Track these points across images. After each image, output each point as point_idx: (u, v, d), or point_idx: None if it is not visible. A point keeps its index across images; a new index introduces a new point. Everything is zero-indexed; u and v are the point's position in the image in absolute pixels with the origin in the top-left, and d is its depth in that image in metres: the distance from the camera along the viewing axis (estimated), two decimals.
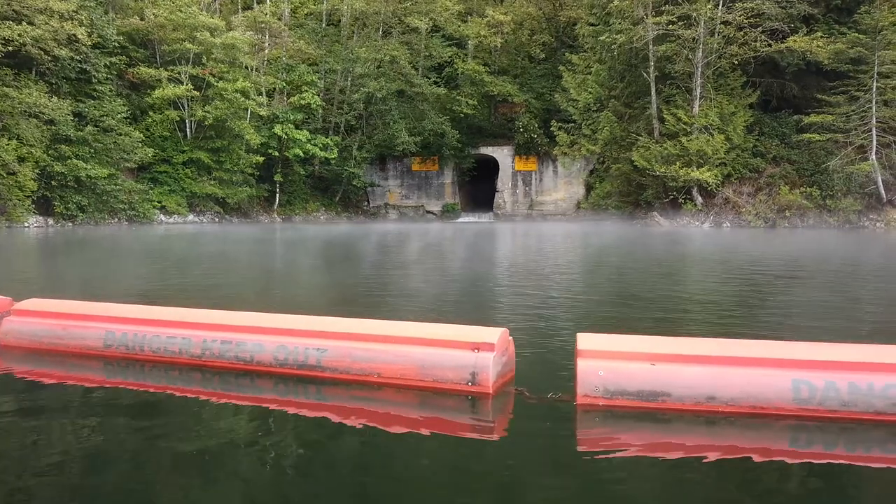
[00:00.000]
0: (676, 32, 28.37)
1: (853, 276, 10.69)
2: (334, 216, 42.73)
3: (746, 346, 3.31)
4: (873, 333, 5.60)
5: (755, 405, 3.14)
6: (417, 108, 40.72)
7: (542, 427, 3.22)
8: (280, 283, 9.43)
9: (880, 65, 26.73)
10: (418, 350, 3.43)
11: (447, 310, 6.49)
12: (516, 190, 43.96)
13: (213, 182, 36.09)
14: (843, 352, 3.23)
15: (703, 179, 28.81)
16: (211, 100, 35.42)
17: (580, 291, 8.23)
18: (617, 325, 5.63)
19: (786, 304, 7.66)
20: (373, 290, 8.51)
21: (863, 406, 3.09)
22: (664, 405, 3.17)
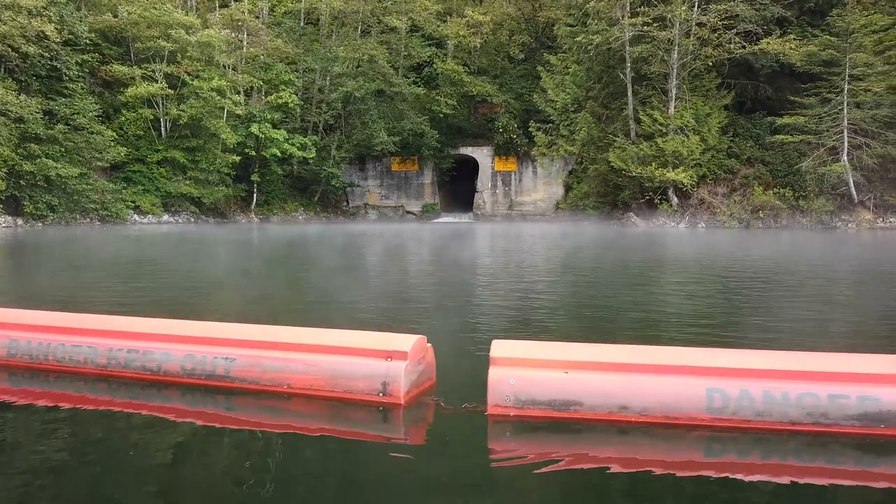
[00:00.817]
0: (652, 34, 28.49)
1: (819, 279, 10.74)
2: (313, 216, 42.41)
3: (661, 354, 3.23)
4: (824, 339, 5.57)
5: (668, 415, 3.06)
6: (396, 107, 40.57)
7: (453, 439, 3.12)
8: (212, 287, 9.03)
9: (852, 67, 27.05)
10: (329, 359, 3.31)
11: (376, 316, 6.26)
12: (496, 190, 43.96)
13: (189, 182, 35.64)
14: (759, 359, 3.16)
15: (678, 180, 28.97)
16: (186, 98, 34.99)
17: (533, 296, 8.07)
18: (557, 330, 5.54)
19: (739, 308, 7.64)
20: (306, 294, 8.28)
21: (777, 416, 3.03)
22: (576, 415, 3.09)
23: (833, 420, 3.01)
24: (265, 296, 8.10)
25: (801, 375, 3.06)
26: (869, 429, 3.00)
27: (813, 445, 3.01)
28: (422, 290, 8.65)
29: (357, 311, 6.65)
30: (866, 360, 3.18)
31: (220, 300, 7.62)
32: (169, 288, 8.58)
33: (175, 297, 7.45)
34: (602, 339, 4.88)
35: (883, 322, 6.50)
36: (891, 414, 2.99)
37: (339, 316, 6.20)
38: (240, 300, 7.61)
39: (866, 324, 6.33)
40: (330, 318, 5.99)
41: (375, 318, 6.04)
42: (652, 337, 5.44)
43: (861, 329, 6.07)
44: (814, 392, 3.02)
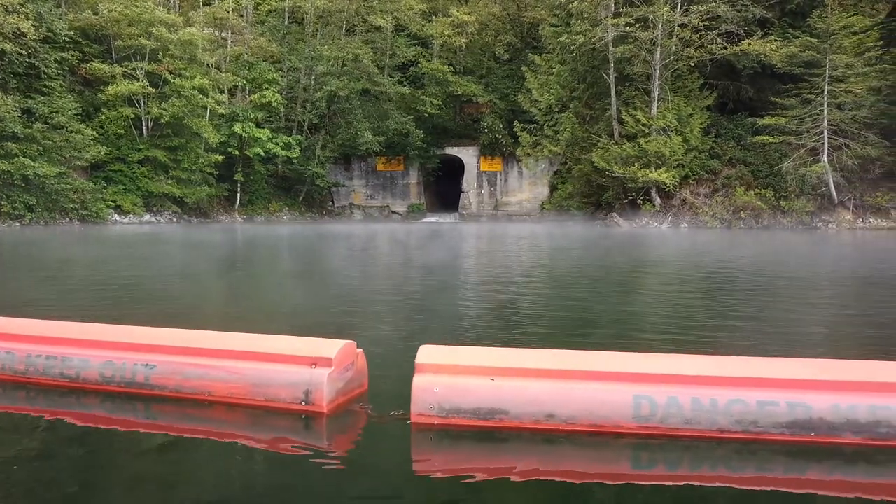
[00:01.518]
0: (634, 34, 28.54)
1: (785, 280, 10.75)
2: (298, 216, 42.13)
3: (589, 359, 3.15)
4: (784, 344, 5.53)
5: (595, 423, 2.99)
6: (381, 107, 40.40)
7: (375, 449, 3.03)
8: (151, 290, 8.62)
9: (832, 68, 27.23)
10: (251, 366, 3.21)
11: (318, 321, 6.05)
12: (482, 190, 43.89)
13: (171, 181, 35.27)
14: (688, 365, 3.09)
15: (660, 180, 29.05)
16: (168, 97, 34.62)
17: (495, 300, 7.86)
18: (506, 336, 5.44)
19: (701, 310, 7.61)
20: (250, 298, 8.03)
21: (706, 423, 2.96)
22: (502, 423, 3.00)
23: (762, 428, 2.95)
24: (206, 299, 7.87)
25: (730, 382, 2.99)
26: (799, 437, 2.94)
27: (742, 453, 2.95)
28: (377, 294, 8.43)
29: (300, 316, 6.50)
30: (797, 365, 3.12)
31: (156, 304, 7.29)
32: (106, 291, 8.28)
33: (108, 301, 7.26)
34: (546, 344, 4.81)
35: (852, 327, 6.47)
36: (821, 422, 2.93)
37: (277, 321, 6.02)
38: (177, 304, 7.35)
39: (833, 327, 6.30)
40: (267, 323, 5.79)
41: (317, 324, 5.87)
42: (603, 341, 5.38)
43: (825, 332, 6.04)
44: (743, 399, 2.96)
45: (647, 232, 27.80)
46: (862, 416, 2.90)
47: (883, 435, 2.89)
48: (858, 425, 2.90)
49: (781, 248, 18.79)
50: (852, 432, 2.90)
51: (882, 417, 2.89)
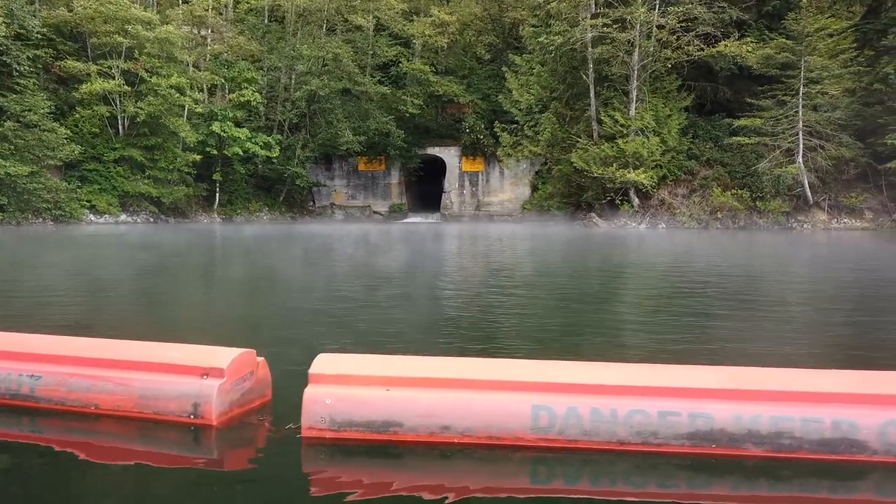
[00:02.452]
0: (612, 35, 28.59)
1: (744, 281, 10.74)
2: (278, 216, 41.81)
3: (486, 368, 3.05)
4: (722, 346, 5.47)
5: (492, 435, 2.88)
6: (362, 107, 40.18)
7: (265, 464, 2.90)
8: (62, 295, 8.17)
9: (807, 70, 27.44)
10: (139, 377, 3.07)
11: (231, 330, 5.72)
12: (463, 190, 43.81)
13: (147, 181, 34.83)
14: (588, 373, 2.99)
15: (638, 181, 29.13)
16: (144, 96, 34.18)
17: (438, 308, 7.54)
18: (430, 344, 5.31)
19: (650, 315, 7.55)
20: (176, 304, 7.65)
21: (605, 435, 2.86)
22: (396, 437, 2.89)
23: (663, 440, 2.85)
24: (115, 305, 7.40)
25: (630, 391, 2.90)
26: (700, 448, 2.85)
27: (642, 467, 2.85)
28: (317, 299, 8.06)
29: (218, 325, 6.16)
30: (700, 373, 3.03)
31: (56, 309, 6.87)
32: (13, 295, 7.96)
33: (36, 307, 7.01)
34: (479, 353, 4.71)
35: (806, 333, 6.43)
36: (723, 433, 2.84)
37: (188, 330, 5.67)
38: (78, 309, 6.94)
39: (782, 332, 6.25)
40: (175, 331, 5.37)
41: (234, 333, 5.57)
42: (534, 346, 5.28)
43: (775, 337, 5.99)
44: (644, 409, 2.87)
45: (624, 232, 27.85)
46: (764, 428, 2.82)
47: (786, 447, 2.81)
48: (760, 437, 2.82)
49: (746, 248, 18.89)
50: (754, 444, 2.82)
51: (785, 429, 2.81)
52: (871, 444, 2.78)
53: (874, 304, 8.04)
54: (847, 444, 2.79)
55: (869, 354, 5.19)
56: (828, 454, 2.80)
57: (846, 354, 5.23)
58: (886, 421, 2.78)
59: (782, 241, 22.16)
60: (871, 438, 2.78)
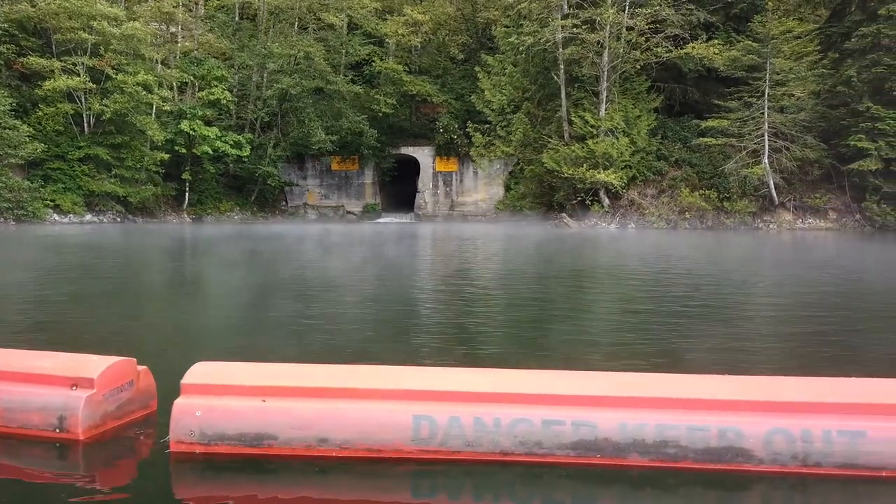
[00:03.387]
0: (582, 36, 28.70)
1: (698, 283, 10.79)
2: (250, 216, 41.29)
3: (367, 376, 2.94)
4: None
5: (372, 447, 2.77)
6: (334, 106, 39.85)
7: (132, 482, 2.75)
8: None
9: (773, 72, 27.80)
10: (2, 388, 2.90)
11: (121, 338, 5.38)
12: (437, 190, 43.69)
13: (114, 180, 34.16)
14: (471, 380, 2.89)
15: (608, 181, 29.28)
16: (110, 93, 33.53)
17: (365, 314, 7.24)
18: (334, 353, 5.17)
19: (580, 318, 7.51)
20: (62, 309, 7.13)
21: (488, 445, 2.77)
22: (271, 450, 2.76)
23: (547, 449, 2.77)
24: (14, 311, 6.93)
25: (514, 399, 2.80)
26: (585, 458, 2.77)
27: (526, 478, 2.77)
28: (235, 305, 7.70)
29: (118, 331, 5.81)
30: (584, 379, 2.96)
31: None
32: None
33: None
34: (393, 357, 4.59)
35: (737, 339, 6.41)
36: (608, 442, 2.76)
37: (83, 339, 5.30)
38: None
39: (707, 334, 6.24)
40: (68, 340, 5.05)
41: (133, 341, 5.27)
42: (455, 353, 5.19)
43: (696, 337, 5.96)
44: (527, 418, 2.78)
45: (594, 233, 27.97)
46: (649, 436, 2.75)
47: (671, 456, 2.75)
48: (645, 446, 2.75)
49: (704, 249, 19.08)
50: (639, 453, 2.75)
51: (670, 437, 2.75)
52: (756, 454, 2.72)
53: (837, 309, 8.09)
54: (733, 452, 2.73)
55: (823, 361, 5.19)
56: (714, 463, 2.74)
57: (783, 358, 5.22)
58: (771, 429, 2.73)
59: (746, 241, 22.42)
60: (756, 447, 2.72)
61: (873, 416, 2.73)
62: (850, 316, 7.30)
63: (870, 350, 5.43)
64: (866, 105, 26.14)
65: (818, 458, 2.70)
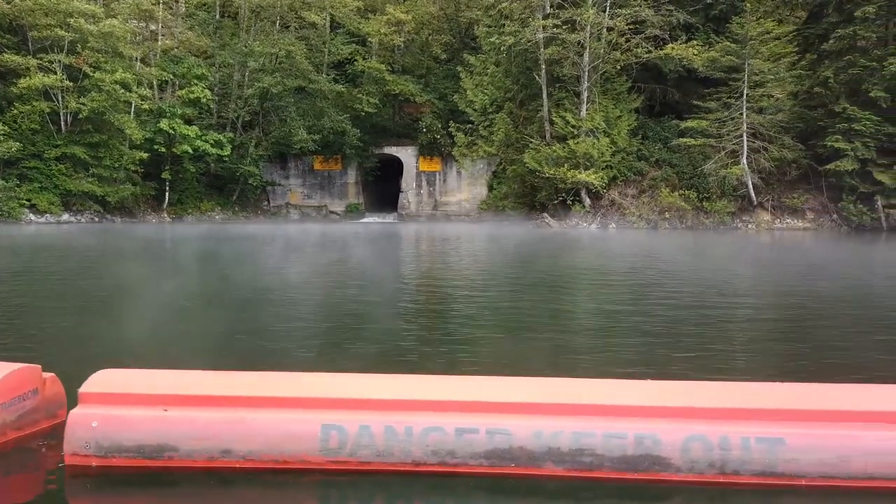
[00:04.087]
0: (562, 36, 28.72)
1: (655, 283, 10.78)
2: (231, 216, 40.92)
3: (275, 383, 2.83)
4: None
5: (278, 458, 2.67)
6: (316, 105, 39.60)
7: (24, 497, 2.63)
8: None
9: (751, 73, 27.96)
10: None
11: (35, 344, 5.20)
12: (420, 190, 43.53)
13: (91, 179, 33.77)
14: (382, 387, 2.80)
15: (589, 182, 29.32)
16: (87, 91, 33.14)
17: (307, 318, 7.05)
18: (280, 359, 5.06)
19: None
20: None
21: (400, 455, 2.68)
22: (171, 463, 2.65)
23: (460, 459, 2.68)
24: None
25: (427, 406, 2.72)
26: (498, 468, 2.69)
27: (439, 488, 2.68)
28: (178, 312, 7.38)
29: (34, 337, 5.55)
30: (499, 385, 2.88)
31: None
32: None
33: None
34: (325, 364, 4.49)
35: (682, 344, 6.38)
36: (522, 451, 2.68)
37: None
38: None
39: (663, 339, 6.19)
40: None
41: (47, 348, 5.08)
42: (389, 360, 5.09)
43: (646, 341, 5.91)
44: (440, 426, 2.69)
45: (576, 233, 28.00)
46: (565, 445, 2.67)
47: (587, 465, 2.67)
48: (561, 454, 2.67)
49: (668, 249, 19.16)
50: (554, 462, 2.67)
51: (586, 445, 2.67)
52: (673, 462, 2.66)
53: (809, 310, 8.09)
54: (650, 461, 2.66)
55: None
56: (630, 472, 2.67)
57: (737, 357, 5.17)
58: (689, 436, 2.66)
59: (722, 241, 22.53)
60: (673, 455, 2.65)
61: (792, 423, 2.67)
62: (821, 321, 7.30)
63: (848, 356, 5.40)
64: (843, 106, 26.35)
65: (736, 465, 2.63)
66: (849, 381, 3.64)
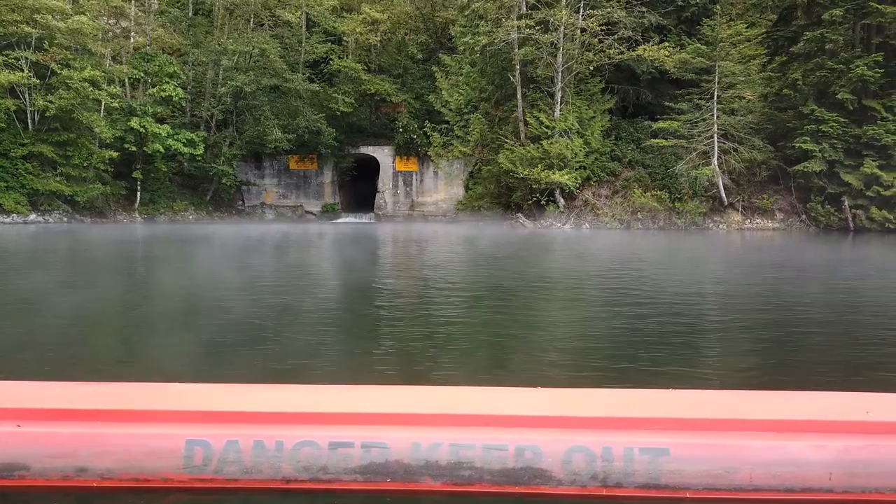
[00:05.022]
0: (535, 37, 28.73)
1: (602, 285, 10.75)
2: (205, 216, 40.39)
3: (136, 395, 2.69)
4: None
5: (138, 477, 2.52)
6: (291, 104, 39.25)
7: None
8: None
9: (722, 75, 28.18)
10: None
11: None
12: (397, 190, 43.33)
13: (60, 178, 33.15)
14: (252, 399, 2.67)
15: (563, 182, 29.36)
16: (55, 89, 32.51)
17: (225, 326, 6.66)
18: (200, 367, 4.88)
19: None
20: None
21: (269, 472, 2.55)
22: (23, 482, 2.49)
23: (334, 475, 2.56)
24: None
25: (299, 419, 2.59)
26: (374, 484, 2.57)
27: None
28: (90, 317, 7.11)
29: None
30: (374, 394, 2.76)
31: None
32: None
33: None
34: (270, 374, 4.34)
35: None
36: (399, 465, 2.57)
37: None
38: None
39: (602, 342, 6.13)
40: None
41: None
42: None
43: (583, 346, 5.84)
44: (313, 440, 2.56)
45: (549, 233, 28.02)
46: (443, 458, 2.56)
47: (466, 479, 2.56)
48: (439, 468, 2.56)
49: (632, 250, 19.23)
50: (432, 477, 2.56)
51: (465, 458, 2.56)
52: (555, 474, 2.56)
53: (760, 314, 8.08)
54: (531, 474, 2.56)
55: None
56: (511, 486, 2.57)
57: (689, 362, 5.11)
58: (571, 448, 2.57)
59: (692, 242, 22.67)
60: (555, 468, 2.56)
61: (677, 433, 2.59)
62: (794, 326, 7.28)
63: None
64: (811, 108, 26.65)
65: (619, 478, 2.54)
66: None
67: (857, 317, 7.57)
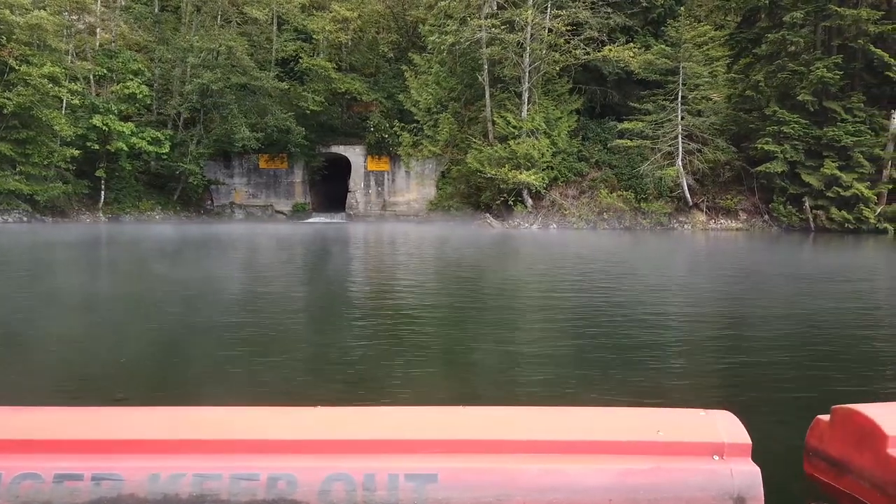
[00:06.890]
0: (501, 36, 28.59)
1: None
2: (172, 216, 39.76)
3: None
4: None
5: None
6: (259, 102, 38.75)
7: None
8: None
9: (686, 76, 28.26)
10: None
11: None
12: (369, 190, 42.99)
13: (18, 177, 32.41)
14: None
15: (530, 182, 29.26)
16: (13, 85, 31.78)
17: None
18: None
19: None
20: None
21: None
22: None
23: None
24: None
25: (20, 447, 2.31)
26: None
27: None
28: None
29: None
30: (121, 417, 2.49)
31: None
32: None
33: None
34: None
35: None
36: (133, 499, 2.30)
37: None
38: None
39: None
40: None
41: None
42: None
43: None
44: (35, 472, 2.28)
45: (517, 233, 27.91)
46: (185, 490, 2.30)
47: None
48: (180, 502, 2.30)
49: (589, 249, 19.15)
50: None
51: (209, 490, 2.30)
52: None
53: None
54: None
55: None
56: None
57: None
58: (330, 475, 2.32)
59: (658, 241, 22.64)
60: (311, 499, 2.31)
61: (447, 456, 2.35)
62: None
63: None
64: (773, 109, 26.79)
65: None
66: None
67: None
